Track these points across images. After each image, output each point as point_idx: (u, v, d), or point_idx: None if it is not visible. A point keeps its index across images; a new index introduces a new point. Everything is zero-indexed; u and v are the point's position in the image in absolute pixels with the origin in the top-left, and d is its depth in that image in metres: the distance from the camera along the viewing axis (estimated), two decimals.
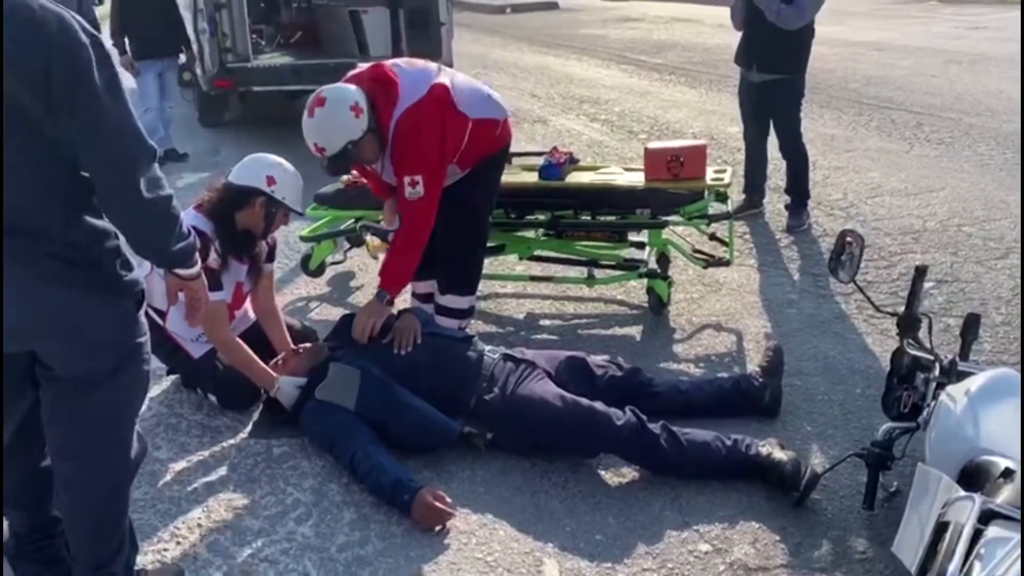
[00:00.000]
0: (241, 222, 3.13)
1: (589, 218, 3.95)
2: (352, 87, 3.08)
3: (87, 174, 1.78)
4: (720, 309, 4.05)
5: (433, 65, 3.26)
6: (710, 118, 8.32)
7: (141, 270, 2.10)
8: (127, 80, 7.53)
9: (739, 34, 5.10)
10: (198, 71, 8.01)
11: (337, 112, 3.01)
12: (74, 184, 1.79)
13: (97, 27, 6.64)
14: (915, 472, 2.03)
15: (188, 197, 3.29)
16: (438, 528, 2.54)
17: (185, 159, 7.35)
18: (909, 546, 1.93)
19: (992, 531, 1.69)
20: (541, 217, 4.02)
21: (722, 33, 14.73)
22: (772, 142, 5.22)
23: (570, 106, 9.34)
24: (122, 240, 1.88)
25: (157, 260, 1.92)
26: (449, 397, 2.89)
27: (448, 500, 2.59)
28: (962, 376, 2.40)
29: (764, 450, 2.73)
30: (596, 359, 3.15)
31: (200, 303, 2.05)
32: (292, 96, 9.06)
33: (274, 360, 3.17)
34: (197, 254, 1.99)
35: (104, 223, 1.84)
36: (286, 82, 7.94)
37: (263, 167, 3.15)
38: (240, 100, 8.81)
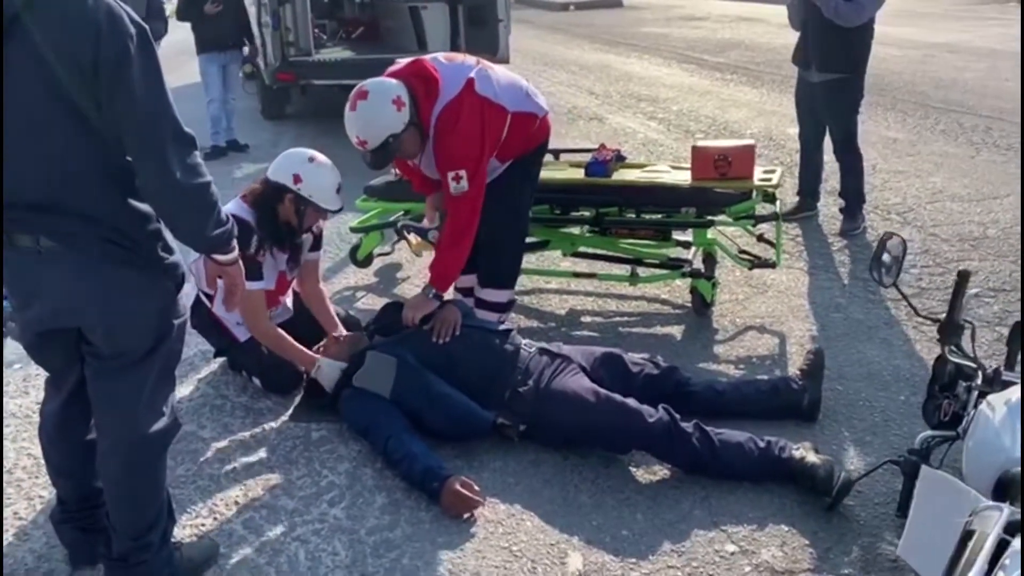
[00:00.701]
0: (281, 215, 3.21)
1: (634, 216, 3.95)
2: (394, 81, 3.12)
3: (130, 159, 1.86)
4: (765, 311, 4.02)
5: (471, 59, 3.29)
6: (770, 118, 8.21)
7: (188, 255, 2.18)
8: (192, 73, 7.77)
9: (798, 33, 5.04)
10: (261, 64, 8.21)
11: (379, 105, 3.05)
12: (119, 169, 1.87)
13: (165, 20, 6.85)
14: (920, 475, 1.99)
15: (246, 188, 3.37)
16: (466, 516, 2.58)
17: (246, 150, 7.54)
18: (923, 552, 1.89)
19: (1018, 542, 1.65)
20: (586, 214, 4.04)
21: (787, 33, 14.42)
22: (829, 144, 5.14)
23: (628, 104, 9.31)
24: (163, 224, 1.96)
25: (194, 244, 1.99)
26: (484, 388, 2.93)
27: (476, 488, 2.63)
28: (1006, 386, 2.34)
29: (798, 453, 2.71)
30: (633, 356, 3.15)
31: (236, 288, 2.12)
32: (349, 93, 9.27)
33: (316, 347, 3.24)
34: (235, 241, 2.05)
35: (146, 207, 1.92)
36: (346, 76, 8.05)
37: (292, 165, 3.19)
38: (301, 93, 9.00)
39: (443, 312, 3.15)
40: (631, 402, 2.80)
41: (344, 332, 3.35)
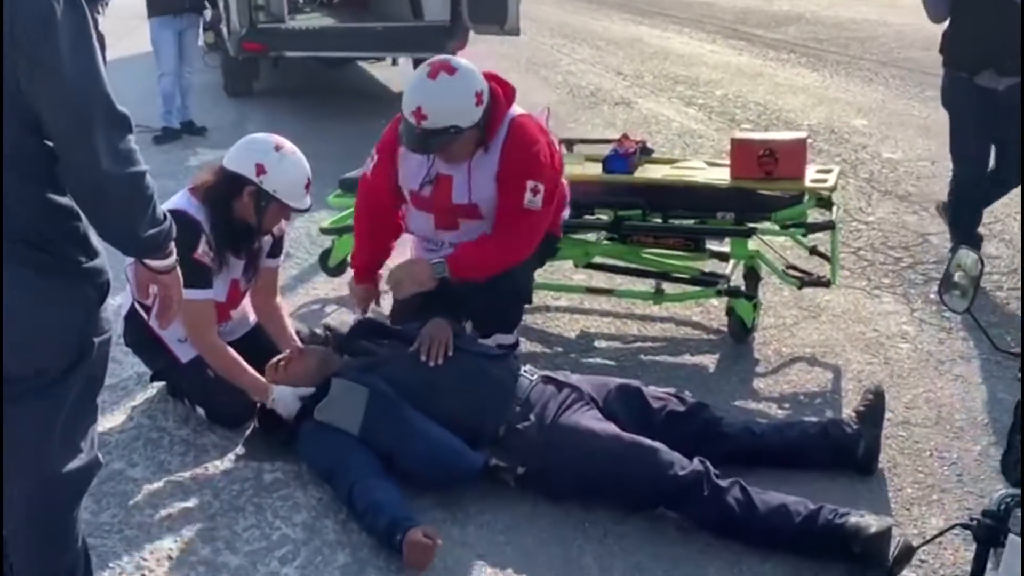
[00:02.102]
0: (237, 212, 3.22)
1: (660, 221, 3.95)
2: (480, 75, 3.20)
3: (50, 143, 1.85)
4: (816, 339, 4.00)
5: None
6: (832, 107, 8.21)
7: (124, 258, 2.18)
8: (144, 41, 7.83)
9: (933, 22, 4.63)
10: (224, 32, 8.26)
11: (464, 87, 3.12)
12: (35, 154, 1.87)
13: None
14: (1008, 545, 1.96)
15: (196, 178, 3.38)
16: (427, 569, 2.57)
17: (204, 134, 7.59)
18: None
19: None
20: (603, 217, 4.04)
21: (857, 4, 14.51)
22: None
23: (662, 87, 9.34)
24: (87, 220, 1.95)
25: (123, 246, 1.98)
26: (473, 424, 2.92)
27: (435, 531, 2.62)
28: None
29: (853, 518, 2.67)
30: (654, 390, 3.14)
31: (172, 302, 2.12)
32: (332, 64, 9.29)
33: (275, 359, 3.23)
34: (173, 244, 2.05)
35: (66, 200, 1.91)
36: (325, 48, 8.15)
37: (254, 152, 3.21)
38: (272, 67, 9.04)
39: (431, 328, 3.15)
40: (660, 448, 2.79)
41: (312, 347, 3.33)
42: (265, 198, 3.18)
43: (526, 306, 3.76)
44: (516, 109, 3.30)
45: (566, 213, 3.64)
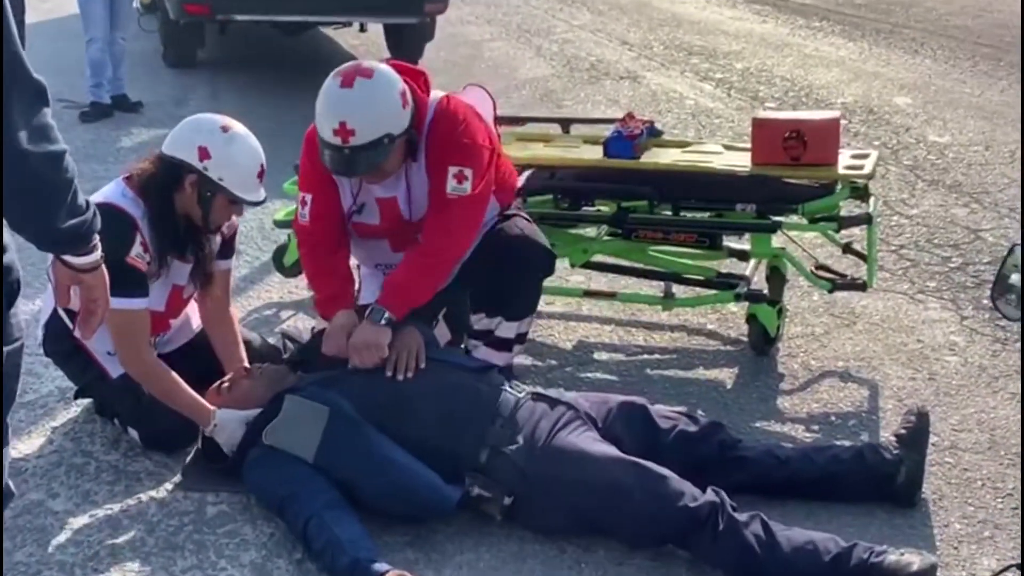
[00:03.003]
0: (180, 206, 3.21)
1: (670, 213, 3.96)
2: (395, 73, 3.22)
3: None
4: (851, 351, 4.02)
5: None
6: (871, 83, 8.26)
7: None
8: (69, 2, 7.80)
9: None
10: None
11: (386, 90, 3.14)
12: None
13: None
14: None
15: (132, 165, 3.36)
16: None
17: (139, 110, 7.57)
18: None
19: None
20: (604, 209, 4.04)
21: None
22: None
23: (674, 59, 9.37)
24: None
25: (36, 239, 1.97)
26: (451, 447, 2.92)
27: None
28: None
29: (892, 556, 2.67)
30: (662, 408, 3.15)
31: (97, 307, 2.11)
32: (290, 31, 9.28)
33: (217, 383, 3.23)
34: (97, 237, 2.04)
35: None
36: (280, 11, 8.16)
37: (197, 134, 3.18)
38: (219, 33, 9.03)
39: (401, 339, 3.15)
40: (668, 475, 2.79)
41: (257, 366, 3.33)
42: (210, 188, 3.16)
43: None
44: (436, 94, 3.33)
45: (521, 181, 3.72)
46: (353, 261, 3.60)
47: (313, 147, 3.24)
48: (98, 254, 2.06)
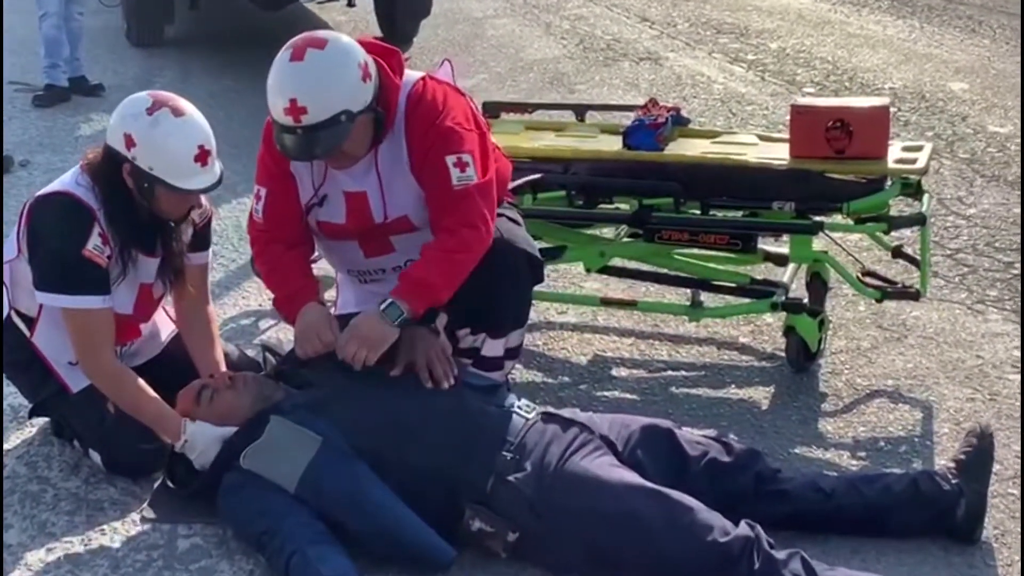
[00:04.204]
0: (135, 196, 3.19)
1: (698, 212, 3.96)
2: (357, 44, 3.21)
3: None
4: (902, 368, 4.02)
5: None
6: (922, 66, 8.25)
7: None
8: None
9: None
10: None
11: (342, 61, 3.11)
12: None
13: None
14: None
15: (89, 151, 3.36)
16: None
17: (101, 93, 7.59)
18: None
19: None
20: (623, 207, 4.05)
21: None
22: None
23: (701, 38, 9.37)
24: None
25: None
26: (453, 476, 2.92)
27: None
28: None
29: None
30: (690, 433, 3.15)
31: None
32: (268, 5, 9.29)
33: (198, 383, 3.21)
34: None
35: None
36: None
37: (122, 118, 3.15)
38: (189, 7, 9.03)
39: (419, 342, 3.17)
40: (696, 507, 2.79)
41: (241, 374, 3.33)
42: (144, 178, 3.12)
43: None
44: (410, 76, 3.32)
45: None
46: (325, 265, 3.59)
47: (271, 135, 3.24)
48: None
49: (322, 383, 3.19)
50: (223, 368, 3.40)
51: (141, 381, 3.20)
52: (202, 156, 3.15)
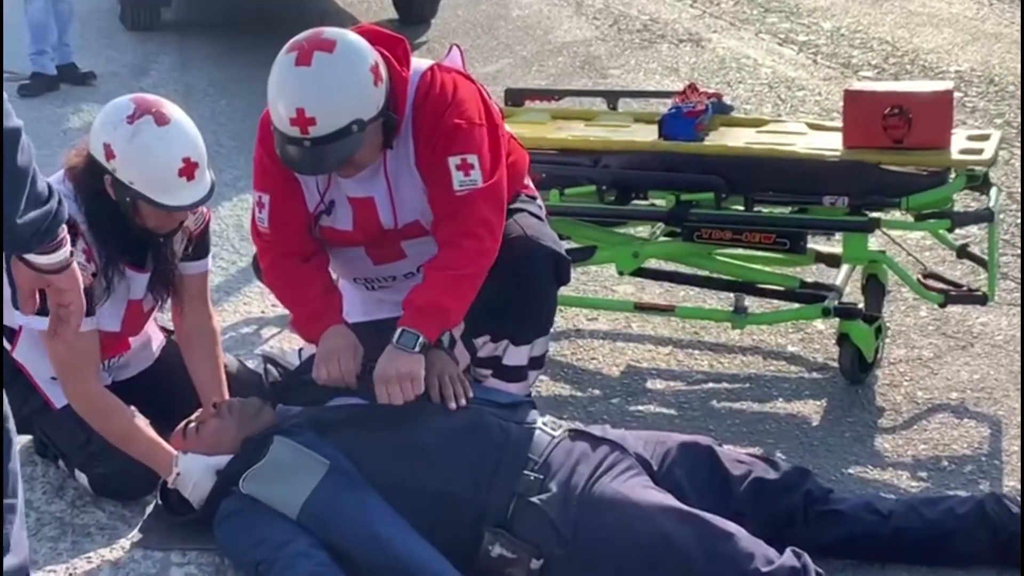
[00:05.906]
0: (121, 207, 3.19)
1: (741, 208, 3.97)
2: (365, 41, 3.19)
3: None
4: (967, 379, 4.00)
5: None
6: (991, 47, 8.20)
7: None
8: None
9: None
10: None
11: (354, 65, 3.10)
12: None
13: None
14: None
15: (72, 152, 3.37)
16: None
17: (91, 82, 7.64)
18: None
19: None
20: (659, 203, 4.05)
21: None
22: None
23: (746, 17, 9.35)
24: None
25: None
26: (471, 499, 2.92)
27: None
28: None
29: None
30: (732, 451, 3.16)
31: (71, 314, 2.15)
32: None
33: (183, 423, 3.23)
34: (65, 229, 2.07)
35: None
36: None
37: (102, 126, 3.12)
38: None
39: (438, 364, 3.18)
40: (737, 533, 2.78)
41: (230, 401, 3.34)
42: (126, 192, 3.10)
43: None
44: (417, 66, 3.30)
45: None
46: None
47: (269, 134, 3.20)
48: (66, 250, 2.09)
49: (325, 399, 3.20)
50: (225, 394, 3.39)
51: (131, 410, 3.20)
52: (188, 169, 3.11)
